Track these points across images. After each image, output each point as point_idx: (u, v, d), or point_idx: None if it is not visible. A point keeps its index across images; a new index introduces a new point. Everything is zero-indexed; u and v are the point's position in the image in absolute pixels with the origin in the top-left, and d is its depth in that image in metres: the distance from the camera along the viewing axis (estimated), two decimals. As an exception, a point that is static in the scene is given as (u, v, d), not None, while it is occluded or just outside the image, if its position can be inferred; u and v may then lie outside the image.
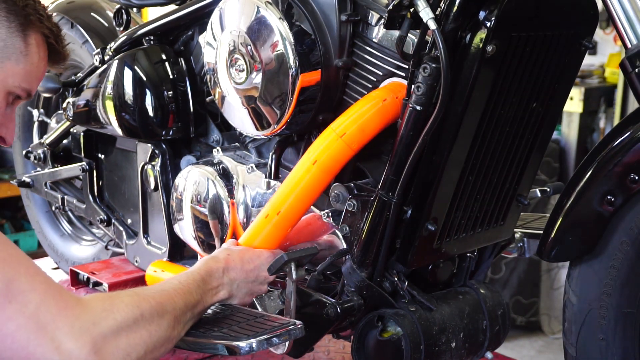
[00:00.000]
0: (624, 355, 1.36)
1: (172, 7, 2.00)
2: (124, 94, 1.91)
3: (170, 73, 1.92)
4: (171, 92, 1.90)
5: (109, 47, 2.06)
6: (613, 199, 1.30)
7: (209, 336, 1.34)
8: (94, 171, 2.27)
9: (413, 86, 1.34)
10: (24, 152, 2.52)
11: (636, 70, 1.28)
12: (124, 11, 2.14)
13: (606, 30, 4.38)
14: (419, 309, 1.48)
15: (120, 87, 1.91)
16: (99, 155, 2.27)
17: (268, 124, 1.58)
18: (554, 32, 1.41)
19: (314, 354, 1.93)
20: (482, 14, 1.30)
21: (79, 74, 2.20)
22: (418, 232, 1.44)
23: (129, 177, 2.17)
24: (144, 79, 1.90)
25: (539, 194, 1.85)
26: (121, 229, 2.18)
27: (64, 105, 2.18)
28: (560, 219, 1.37)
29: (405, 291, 1.49)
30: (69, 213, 2.60)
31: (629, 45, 1.30)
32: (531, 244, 1.80)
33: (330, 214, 1.55)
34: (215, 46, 1.62)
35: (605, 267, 1.35)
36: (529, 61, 1.40)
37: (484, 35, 1.30)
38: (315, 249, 1.48)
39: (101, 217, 2.23)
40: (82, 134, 2.23)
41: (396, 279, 1.48)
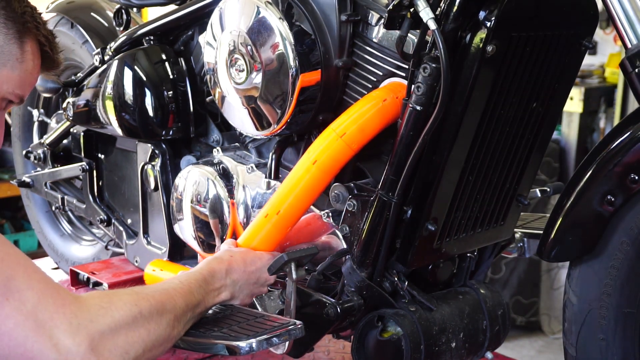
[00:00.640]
0: (624, 355, 1.36)
1: (172, 7, 2.00)
2: (124, 94, 1.91)
3: (170, 73, 1.92)
4: (171, 92, 1.90)
5: (109, 47, 2.06)
6: (613, 199, 1.30)
7: (209, 336, 1.34)
8: (94, 171, 2.27)
9: (413, 86, 1.34)
10: (24, 152, 2.52)
11: (636, 70, 1.28)
12: (124, 11, 2.14)
13: (606, 30, 4.38)
14: (419, 309, 1.48)
15: (120, 87, 1.91)
16: (99, 155, 2.27)
17: (268, 124, 1.58)
18: (554, 32, 1.41)
19: (314, 354, 1.93)
20: (482, 14, 1.30)
21: (79, 74, 2.20)
22: (418, 232, 1.44)
23: (129, 177, 2.17)
24: (144, 79, 1.90)
25: (539, 194, 1.85)
26: (121, 229, 2.18)
27: (64, 105, 2.17)
28: (560, 219, 1.37)
29: (405, 291, 1.49)
30: (69, 213, 2.60)
31: (629, 45, 1.30)
32: (531, 244, 1.80)
33: (330, 214, 1.55)
34: (215, 46, 1.62)
35: (605, 267, 1.35)
36: (529, 61, 1.40)
37: (484, 35, 1.30)
38: (315, 249, 1.48)
39: (101, 217, 2.23)
40: (82, 134, 2.23)
41: (396, 279, 1.49)
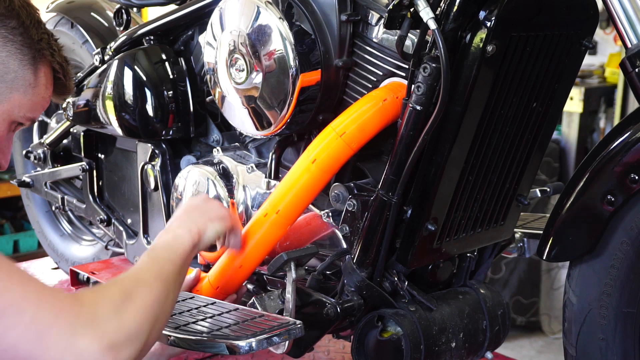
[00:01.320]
0: (624, 355, 1.36)
1: (172, 7, 2.00)
2: (124, 94, 1.91)
3: (170, 73, 1.92)
4: (171, 92, 1.90)
5: (109, 47, 2.06)
6: (613, 199, 1.30)
7: (209, 336, 1.34)
8: (94, 171, 2.27)
9: (413, 86, 1.34)
10: (24, 152, 2.52)
11: (636, 70, 1.28)
12: (124, 11, 2.14)
13: (606, 30, 4.38)
14: (419, 309, 1.48)
15: (120, 87, 1.91)
16: (99, 155, 2.27)
17: (268, 123, 1.58)
18: (554, 32, 1.41)
19: (314, 354, 1.93)
20: (482, 14, 1.30)
21: (79, 74, 2.19)
22: (418, 232, 1.44)
23: (129, 177, 2.17)
24: (144, 79, 1.90)
25: (539, 194, 1.85)
26: (121, 229, 2.18)
27: (64, 105, 2.17)
28: (560, 219, 1.37)
29: (405, 291, 1.49)
30: (69, 213, 2.60)
31: (629, 45, 1.30)
32: (531, 244, 1.80)
33: (330, 214, 1.55)
34: (215, 46, 1.62)
35: (605, 267, 1.35)
36: (529, 61, 1.40)
37: (484, 35, 1.30)
38: (314, 248, 1.48)
39: (101, 217, 2.23)
40: (82, 134, 2.23)
41: (396, 278, 1.49)
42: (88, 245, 2.55)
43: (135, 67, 1.90)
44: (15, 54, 1.30)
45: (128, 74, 1.91)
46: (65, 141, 2.40)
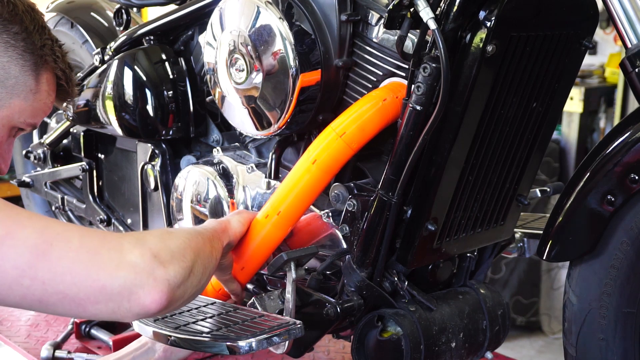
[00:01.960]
0: (624, 355, 1.36)
1: (172, 7, 2.00)
2: (124, 94, 1.91)
3: (170, 73, 1.92)
4: (171, 92, 1.90)
5: (109, 47, 2.06)
6: (613, 199, 1.30)
7: (209, 336, 1.34)
8: (94, 171, 2.27)
9: (413, 86, 1.34)
10: (24, 152, 2.52)
11: (636, 70, 1.28)
12: (124, 11, 2.14)
13: (606, 30, 4.38)
14: (419, 308, 1.48)
15: (120, 87, 1.92)
16: (99, 155, 2.27)
17: (268, 123, 1.58)
18: (554, 32, 1.41)
19: (314, 354, 1.93)
20: (482, 14, 1.30)
21: (79, 74, 2.19)
22: (418, 232, 1.44)
23: (129, 177, 2.17)
24: (144, 79, 1.90)
25: (539, 194, 1.85)
26: (121, 229, 2.18)
27: (64, 105, 2.17)
28: (560, 219, 1.37)
29: (405, 291, 1.49)
30: (69, 213, 2.59)
31: (629, 45, 1.30)
32: (531, 244, 1.80)
33: (330, 214, 1.55)
34: (215, 46, 1.62)
35: (605, 267, 1.35)
36: (529, 61, 1.40)
37: (484, 35, 1.30)
38: (315, 248, 1.48)
39: (101, 217, 2.23)
40: (82, 133, 2.23)
41: (396, 278, 1.49)
42: (88, 245, 2.54)
43: (135, 67, 1.90)
44: (17, 59, 1.30)
45: (128, 74, 1.91)
46: (65, 141, 2.40)
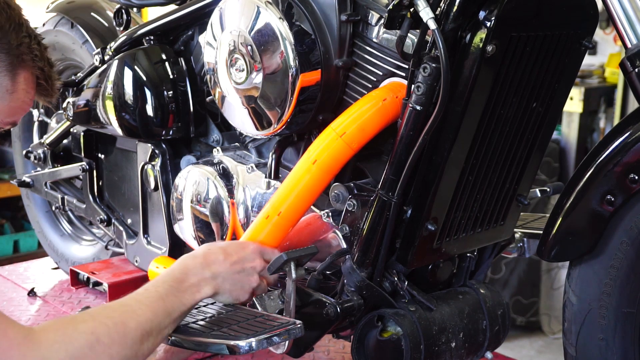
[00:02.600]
0: (624, 355, 1.36)
1: (172, 7, 2.00)
2: (124, 94, 1.91)
3: (170, 73, 1.92)
4: (171, 92, 1.90)
5: (109, 47, 2.06)
6: (613, 199, 1.30)
7: (209, 336, 1.34)
8: (94, 171, 2.27)
9: (413, 86, 1.34)
10: (24, 152, 2.52)
11: (636, 70, 1.28)
12: (124, 11, 2.14)
13: (606, 30, 4.38)
14: (419, 308, 1.48)
15: (120, 87, 1.91)
16: (99, 155, 2.27)
17: (268, 123, 1.58)
18: (554, 32, 1.41)
19: (314, 354, 1.93)
20: (482, 14, 1.30)
21: (79, 74, 2.20)
22: (418, 232, 1.44)
23: (129, 177, 2.17)
24: (144, 79, 1.90)
25: (539, 194, 1.85)
26: (121, 229, 2.18)
27: (64, 105, 2.17)
28: (560, 219, 1.37)
29: (405, 291, 1.49)
30: (69, 213, 2.60)
31: (629, 45, 1.30)
32: (531, 244, 1.79)
33: (330, 214, 1.55)
34: (215, 46, 1.62)
35: (605, 267, 1.35)
36: (529, 61, 1.40)
37: (484, 35, 1.30)
38: (314, 248, 1.48)
39: (101, 217, 2.23)
40: (82, 134, 2.23)
41: (396, 278, 1.49)
42: (88, 245, 2.55)
43: (135, 67, 1.90)
44: None
45: (128, 74, 1.91)
46: (65, 141, 2.40)
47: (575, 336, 1.40)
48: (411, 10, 1.31)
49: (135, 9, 2.43)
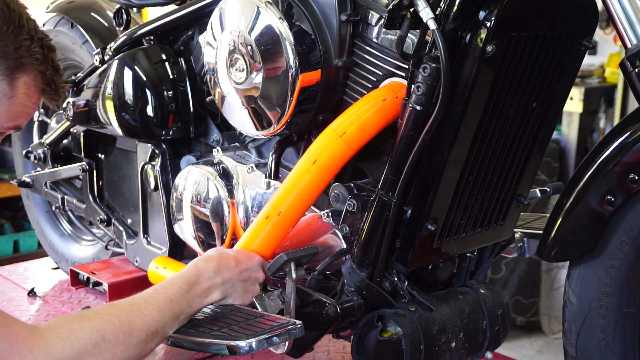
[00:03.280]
0: (624, 355, 1.36)
1: (172, 7, 2.00)
2: (124, 94, 1.91)
3: (170, 73, 1.92)
4: (171, 92, 1.90)
5: (109, 47, 2.06)
6: (613, 199, 1.30)
7: (209, 336, 1.34)
8: (94, 171, 2.27)
9: (413, 86, 1.34)
10: (24, 152, 2.52)
11: (636, 70, 1.28)
12: (124, 11, 2.14)
13: (606, 30, 4.38)
14: (419, 308, 1.48)
15: (120, 87, 1.91)
16: (99, 155, 2.27)
17: (268, 123, 1.58)
18: (554, 32, 1.41)
19: (314, 354, 1.93)
20: (482, 14, 1.30)
21: (79, 74, 2.19)
22: (418, 232, 1.44)
23: (129, 177, 2.17)
24: (144, 79, 1.90)
25: (539, 194, 1.85)
26: (121, 229, 2.18)
27: (64, 105, 2.17)
28: (560, 219, 1.37)
29: (405, 291, 1.49)
30: (69, 213, 2.60)
31: (629, 45, 1.30)
32: (531, 244, 1.79)
33: (330, 214, 1.55)
34: (215, 46, 1.62)
35: (605, 267, 1.35)
36: (529, 61, 1.40)
37: (484, 35, 1.30)
38: (314, 248, 1.48)
39: (101, 217, 2.23)
40: (82, 134, 2.23)
41: (396, 279, 1.49)
42: (88, 245, 2.55)
43: (135, 67, 1.90)
44: None
45: (128, 74, 1.91)
46: (65, 141, 2.40)
47: (575, 336, 1.40)
48: (411, 10, 1.31)
49: (135, 9, 2.43)
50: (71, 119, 2.16)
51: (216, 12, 1.61)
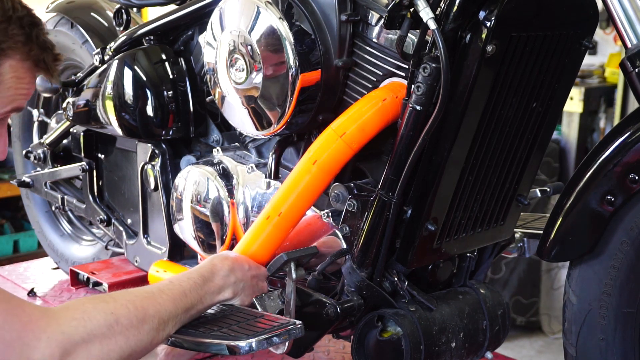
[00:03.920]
0: (624, 355, 1.36)
1: (172, 7, 2.00)
2: (124, 94, 1.91)
3: (170, 73, 1.92)
4: (171, 92, 1.90)
5: (109, 47, 2.06)
6: (613, 199, 1.30)
7: (209, 336, 1.34)
8: (94, 171, 2.26)
9: (413, 86, 1.34)
10: (24, 152, 2.52)
11: (636, 70, 1.28)
12: (124, 11, 2.14)
13: (606, 30, 4.38)
14: (419, 309, 1.48)
15: (120, 87, 1.91)
16: (99, 155, 2.27)
17: (268, 124, 1.58)
18: (554, 32, 1.41)
19: (314, 354, 1.93)
20: (482, 14, 1.30)
21: (79, 74, 2.19)
22: (418, 232, 1.44)
23: (129, 177, 2.17)
24: (144, 79, 1.90)
25: (539, 194, 1.85)
26: (121, 229, 2.18)
27: (64, 105, 2.17)
28: (560, 219, 1.37)
29: (405, 291, 1.49)
30: (69, 213, 2.59)
31: (629, 45, 1.30)
32: (531, 244, 1.80)
33: (330, 214, 1.55)
34: (215, 46, 1.62)
35: (605, 267, 1.35)
36: (529, 61, 1.40)
37: (484, 35, 1.30)
38: (315, 248, 1.48)
39: (101, 217, 2.22)
40: (82, 134, 2.23)
41: (396, 279, 1.49)
42: (88, 245, 2.55)
43: (135, 67, 1.90)
44: None
45: (128, 74, 1.91)
46: (65, 141, 2.39)
47: (575, 336, 1.40)
48: (411, 10, 1.31)
49: (135, 9, 2.43)
50: (71, 119, 2.16)
51: (216, 12, 1.61)
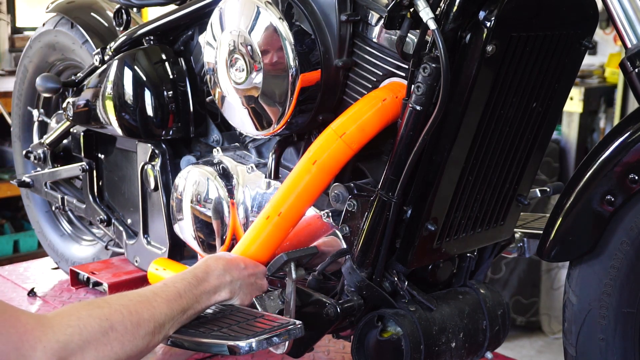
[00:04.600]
0: (624, 355, 1.36)
1: (172, 7, 2.00)
2: (124, 94, 1.91)
3: (170, 73, 1.92)
4: (171, 92, 1.90)
5: (109, 47, 2.06)
6: (613, 199, 1.30)
7: (209, 336, 1.34)
8: (94, 171, 2.26)
9: (413, 86, 1.34)
10: (24, 152, 2.52)
11: (636, 70, 1.28)
12: (124, 11, 2.14)
13: (606, 30, 4.39)
14: (419, 309, 1.48)
15: (120, 87, 1.91)
16: (99, 155, 2.26)
17: (268, 124, 1.58)
18: (554, 32, 1.41)
19: (314, 354, 1.93)
20: (482, 14, 1.30)
21: (79, 74, 2.19)
22: (418, 232, 1.44)
23: (129, 177, 2.17)
24: (144, 79, 1.90)
25: (539, 194, 1.85)
26: (121, 229, 2.18)
27: (64, 105, 2.17)
28: (560, 219, 1.37)
29: (405, 291, 1.49)
30: (69, 213, 2.59)
31: (629, 45, 1.30)
32: (531, 244, 1.80)
33: (330, 214, 1.55)
34: (215, 46, 1.62)
35: (605, 267, 1.35)
36: (529, 61, 1.40)
37: (484, 35, 1.30)
38: (314, 248, 1.48)
39: (101, 217, 2.22)
40: (82, 134, 2.23)
41: (396, 279, 1.49)
42: (88, 245, 2.55)
43: (135, 67, 1.90)
44: None
45: (128, 74, 1.91)
46: (65, 141, 2.39)
47: (575, 336, 1.40)
48: (411, 10, 1.31)
49: (135, 9, 2.43)
50: (71, 119, 2.16)
51: (216, 12, 1.61)
